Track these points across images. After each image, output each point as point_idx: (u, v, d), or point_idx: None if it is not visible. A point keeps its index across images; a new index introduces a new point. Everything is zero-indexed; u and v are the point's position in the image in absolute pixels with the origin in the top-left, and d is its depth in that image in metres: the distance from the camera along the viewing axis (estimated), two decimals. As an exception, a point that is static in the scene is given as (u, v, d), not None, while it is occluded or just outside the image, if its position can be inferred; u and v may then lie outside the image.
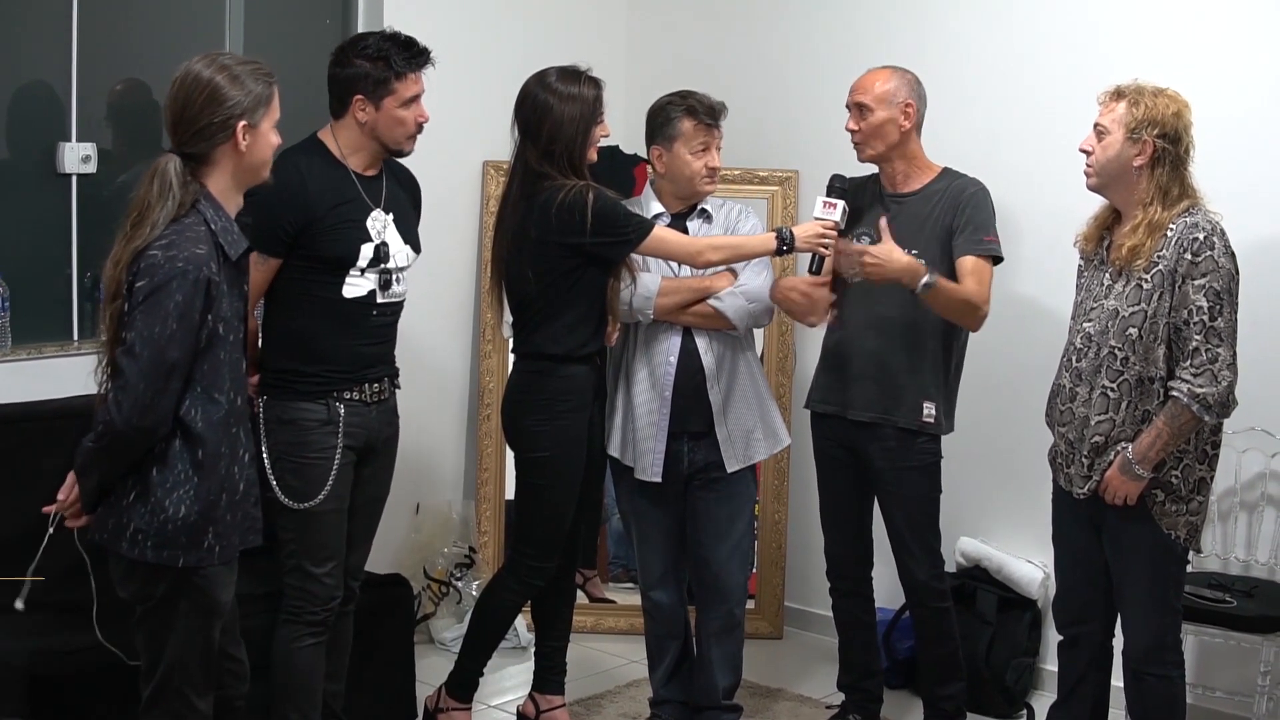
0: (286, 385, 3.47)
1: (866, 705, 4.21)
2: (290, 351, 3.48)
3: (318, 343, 3.47)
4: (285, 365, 3.48)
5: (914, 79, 3.92)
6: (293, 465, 3.45)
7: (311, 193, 3.41)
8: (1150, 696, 3.53)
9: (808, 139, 4.91)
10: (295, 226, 3.40)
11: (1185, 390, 3.31)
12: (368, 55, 3.45)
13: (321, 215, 3.42)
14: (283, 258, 3.42)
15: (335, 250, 3.45)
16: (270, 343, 3.52)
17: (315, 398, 3.47)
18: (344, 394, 3.49)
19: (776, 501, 5.06)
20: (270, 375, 3.50)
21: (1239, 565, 4.23)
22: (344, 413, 3.48)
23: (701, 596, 4.05)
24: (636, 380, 3.92)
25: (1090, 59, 4.35)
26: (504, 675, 4.55)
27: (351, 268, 3.47)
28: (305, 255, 3.43)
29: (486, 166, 5.03)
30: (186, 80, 2.82)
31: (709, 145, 3.87)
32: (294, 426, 3.46)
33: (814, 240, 3.82)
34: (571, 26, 5.27)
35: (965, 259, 3.84)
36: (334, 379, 3.48)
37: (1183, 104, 3.38)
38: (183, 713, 2.89)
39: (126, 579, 2.86)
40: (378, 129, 3.48)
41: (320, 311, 3.47)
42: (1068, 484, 3.56)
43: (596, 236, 3.67)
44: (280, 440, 3.46)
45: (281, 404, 3.47)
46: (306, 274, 3.45)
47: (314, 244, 3.42)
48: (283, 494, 3.43)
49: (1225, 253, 3.33)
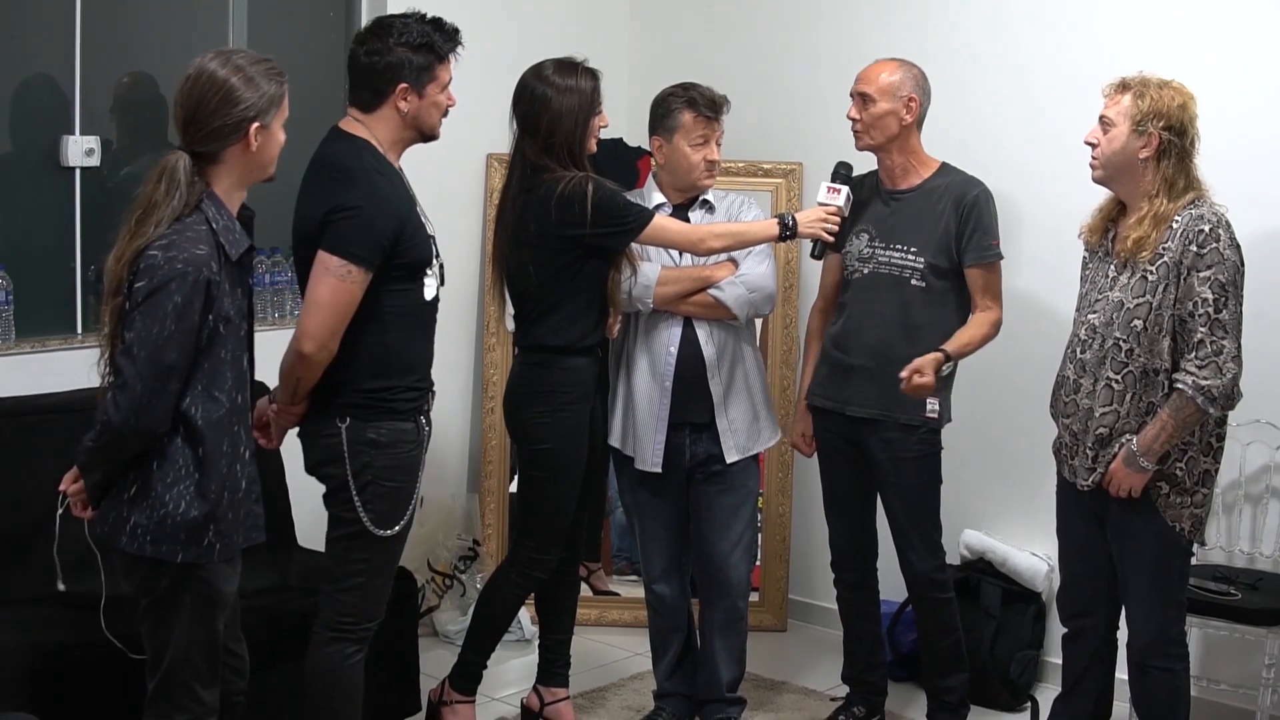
0: (380, 405, 3.27)
1: (871, 698, 4.22)
2: (380, 369, 3.27)
3: (406, 354, 3.31)
4: (376, 385, 3.26)
5: (920, 74, 3.91)
6: (384, 490, 3.28)
7: (396, 197, 3.24)
8: (1154, 689, 3.53)
9: (811, 131, 4.91)
10: (394, 234, 3.20)
11: (1190, 382, 3.31)
12: (409, 42, 3.25)
13: (408, 217, 3.25)
14: (377, 268, 3.19)
15: (420, 252, 3.28)
16: (356, 363, 3.25)
17: (407, 416, 3.30)
18: (425, 408, 3.39)
19: (781, 495, 5.06)
20: (358, 396, 3.25)
21: (1243, 558, 4.23)
22: (428, 429, 3.38)
23: (705, 589, 4.05)
24: (637, 370, 3.92)
25: (1093, 51, 4.34)
26: (508, 668, 4.55)
27: (428, 267, 3.32)
28: (398, 264, 3.23)
29: (490, 159, 5.02)
30: (201, 79, 2.80)
31: (708, 138, 3.86)
32: (389, 449, 3.28)
33: (816, 226, 3.82)
34: (574, 18, 5.26)
35: (975, 271, 3.86)
36: (421, 392, 3.36)
37: (1188, 96, 3.38)
38: (188, 704, 2.89)
39: (129, 573, 2.87)
40: (419, 117, 3.31)
41: (407, 320, 3.30)
42: (1072, 476, 3.56)
43: (597, 227, 3.65)
44: (372, 464, 3.26)
45: (374, 425, 3.26)
46: (395, 283, 3.25)
47: (406, 250, 3.23)
48: (371, 521, 3.27)
49: (1230, 245, 3.33)
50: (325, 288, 3.12)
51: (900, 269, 3.88)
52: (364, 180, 3.17)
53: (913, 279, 3.87)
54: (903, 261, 3.88)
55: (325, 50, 4.63)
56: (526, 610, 4.63)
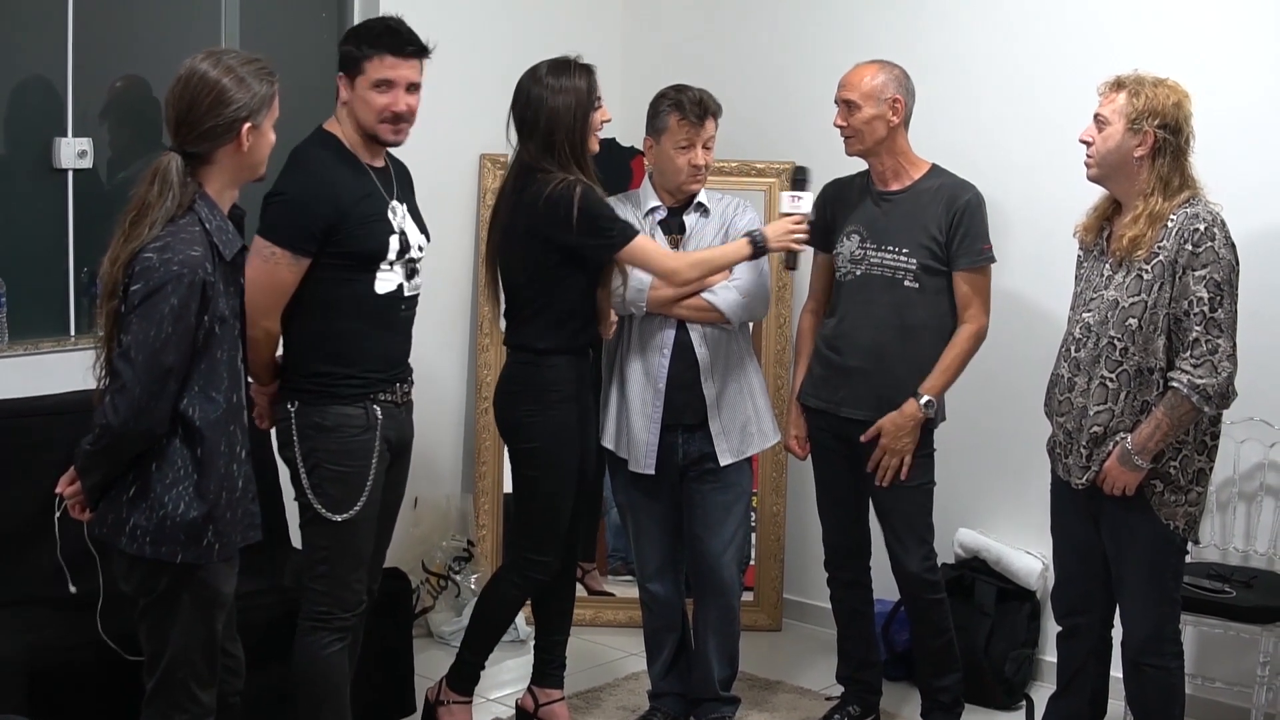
0: (323, 390, 3.37)
1: (865, 696, 4.22)
2: (325, 354, 3.37)
3: (354, 343, 3.38)
4: (321, 369, 3.37)
5: (902, 73, 3.90)
6: (332, 474, 3.36)
7: (339, 188, 3.35)
8: (1149, 687, 3.54)
9: (804, 131, 4.89)
10: (327, 224, 3.31)
11: (1185, 381, 3.31)
12: (351, 35, 3.46)
13: (349, 210, 3.34)
14: (313, 257, 3.32)
15: (368, 245, 3.37)
16: (301, 347, 3.41)
17: (353, 401, 3.38)
18: (379, 396, 3.43)
19: (775, 494, 5.06)
20: (303, 380, 3.39)
21: (1238, 556, 4.24)
22: (382, 416, 3.42)
23: (698, 588, 4.06)
24: (630, 372, 3.93)
25: (1086, 49, 4.35)
26: (503, 669, 4.54)
27: (382, 261, 3.40)
28: (336, 253, 3.34)
29: (483, 160, 5.02)
30: (192, 80, 2.80)
31: (693, 143, 3.84)
32: (333, 433, 3.36)
33: (786, 239, 3.81)
34: (567, 18, 5.25)
35: (964, 276, 3.86)
36: (371, 380, 3.41)
37: (1183, 94, 3.38)
38: (186, 704, 2.89)
39: (128, 574, 2.87)
40: (355, 111, 3.40)
41: (355, 310, 3.39)
42: (1066, 474, 3.56)
43: (580, 235, 3.64)
44: (318, 447, 3.36)
45: (318, 410, 3.37)
46: (338, 272, 3.36)
47: (346, 241, 3.34)
48: (321, 505, 3.35)
49: (1226, 244, 3.33)
50: (253, 268, 3.18)
51: (893, 270, 3.88)
52: (304, 169, 3.23)
53: (905, 280, 3.87)
54: (894, 262, 3.88)
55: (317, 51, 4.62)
56: (522, 611, 4.62)
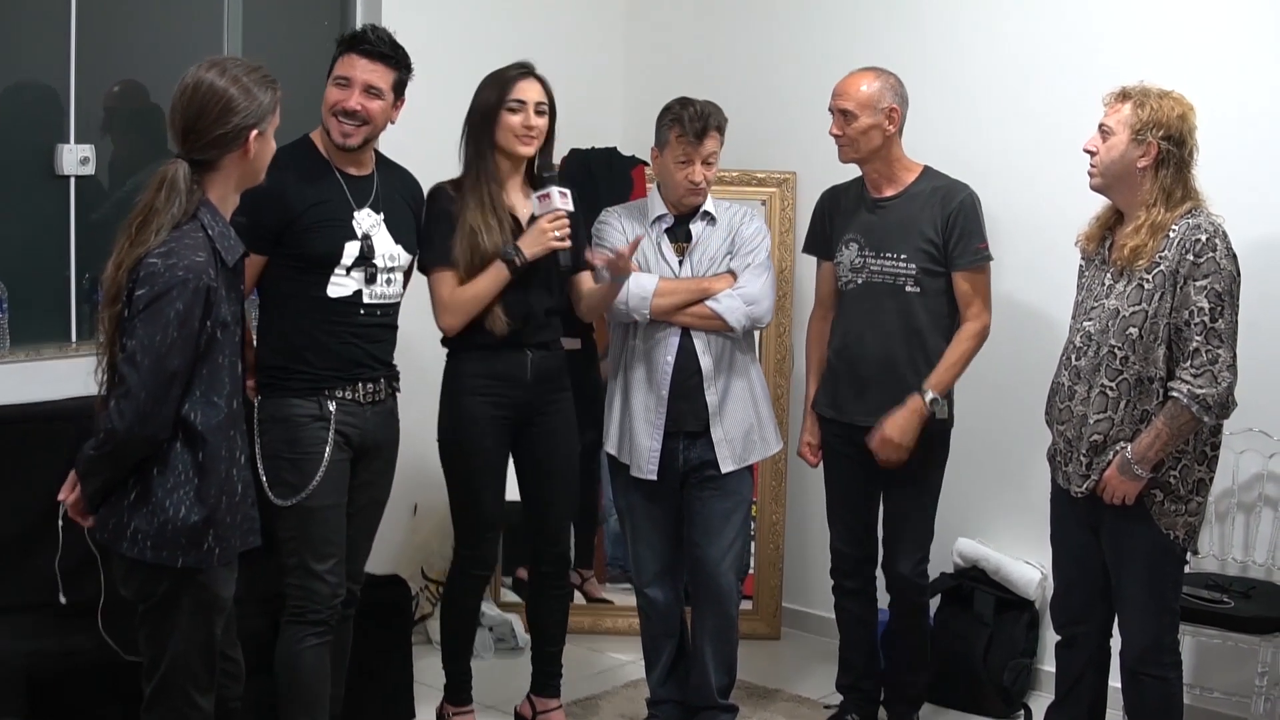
0: (278, 383, 3.50)
1: (864, 706, 4.22)
2: (280, 350, 3.51)
3: (305, 341, 3.50)
4: (277, 363, 3.51)
5: (896, 81, 3.91)
6: (286, 461, 3.46)
7: (289, 191, 3.44)
8: (1148, 697, 3.54)
9: (805, 140, 4.89)
10: (277, 225, 3.44)
11: (1185, 391, 3.32)
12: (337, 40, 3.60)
13: (300, 214, 3.46)
14: (267, 255, 3.45)
15: (317, 249, 3.48)
16: (262, 341, 3.56)
17: (306, 394, 3.49)
18: (335, 392, 3.51)
19: (774, 503, 5.06)
20: (264, 374, 3.52)
21: (1236, 566, 4.24)
22: (335, 409, 3.50)
23: (696, 595, 4.06)
24: (634, 379, 3.93)
25: (1089, 60, 4.36)
26: (502, 678, 4.54)
27: (335, 266, 3.49)
28: (289, 254, 3.47)
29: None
30: (200, 89, 2.82)
31: (691, 159, 3.83)
32: (286, 423, 3.48)
33: (544, 240, 3.76)
34: (569, 26, 5.26)
35: (964, 275, 3.87)
36: (324, 377, 3.51)
37: (1188, 106, 3.39)
38: (184, 710, 2.89)
39: (128, 578, 2.87)
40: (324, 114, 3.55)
41: (307, 310, 3.50)
42: (1066, 483, 3.57)
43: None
44: (273, 438, 3.48)
45: (274, 401, 3.50)
46: (293, 273, 3.49)
47: (296, 243, 3.47)
48: (273, 492, 3.44)
49: (1227, 254, 3.34)
50: None
51: (894, 277, 3.89)
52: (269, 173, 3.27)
53: (907, 285, 3.88)
54: (894, 269, 3.89)
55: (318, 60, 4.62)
56: (520, 620, 4.62)
